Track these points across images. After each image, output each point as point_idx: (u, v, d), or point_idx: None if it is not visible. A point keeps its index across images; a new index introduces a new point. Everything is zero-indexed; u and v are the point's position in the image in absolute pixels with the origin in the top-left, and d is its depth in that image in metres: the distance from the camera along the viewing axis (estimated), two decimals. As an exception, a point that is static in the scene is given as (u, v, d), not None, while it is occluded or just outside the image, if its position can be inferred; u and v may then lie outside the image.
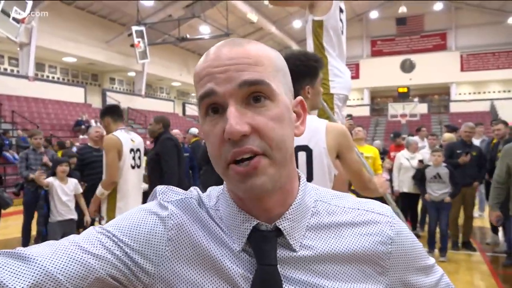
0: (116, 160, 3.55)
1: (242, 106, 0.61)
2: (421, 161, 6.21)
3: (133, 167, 3.70)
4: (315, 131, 1.91)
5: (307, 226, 0.68)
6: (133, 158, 3.69)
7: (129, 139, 3.71)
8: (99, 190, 3.65)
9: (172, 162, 4.49)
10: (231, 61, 0.62)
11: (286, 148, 0.64)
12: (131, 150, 3.67)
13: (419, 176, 5.52)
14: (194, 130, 8.19)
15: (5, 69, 19.81)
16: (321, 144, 1.91)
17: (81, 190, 4.67)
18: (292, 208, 0.67)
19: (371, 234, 0.70)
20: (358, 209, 0.72)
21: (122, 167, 3.60)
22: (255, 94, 0.62)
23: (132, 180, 3.68)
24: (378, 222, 0.71)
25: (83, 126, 16.60)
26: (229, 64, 0.62)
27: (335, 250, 0.67)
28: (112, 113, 3.81)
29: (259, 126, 0.61)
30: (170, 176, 4.48)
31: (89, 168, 5.48)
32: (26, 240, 5.72)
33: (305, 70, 1.97)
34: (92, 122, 16.51)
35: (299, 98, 0.72)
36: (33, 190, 5.51)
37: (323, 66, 2.22)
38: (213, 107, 0.63)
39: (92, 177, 5.47)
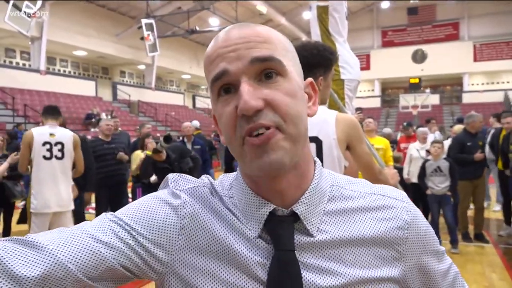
0: (25, 153, 4.07)
1: (254, 82, 0.61)
2: (428, 152, 6.16)
3: (48, 158, 4.08)
4: (325, 122, 1.90)
5: (324, 211, 0.68)
6: (48, 150, 4.09)
7: (47, 134, 4.11)
8: None
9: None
10: (241, 39, 0.62)
11: (301, 123, 0.63)
12: (46, 143, 4.08)
13: (421, 170, 5.48)
14: (196, 123, 8.16)
15: (17, 63, 20.03)
16: (331, 135, 1.89)
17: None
18: (308, 192, 0.66)
19: (387, 219, 0.69)
20: (374, 193, 0.72)
21: (34, 158, 4.05)
22: (266, 70, 0.62)
23: (46, 169, 4.08)
24: (395, 207, 0.71)
25: (93, 120, 16.73)
26: (239, 43, 0.62)
27: (352, 235, 0.67)
28: (43, 113, 4.32)
29: (273, 100, 0.60)
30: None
31: (100, 161, 5.52)
32: None
33: (321, 60, 1.97)
34: (103, 115, 16.63)
35: (309, 79, 0.71)
36: None
37: (336, 60, 2.21)
38: (225, 87, 0.63)
39: (103, 170, 5.52)
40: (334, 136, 1.89)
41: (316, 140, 1.89)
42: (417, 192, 6.50)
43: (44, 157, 4.06)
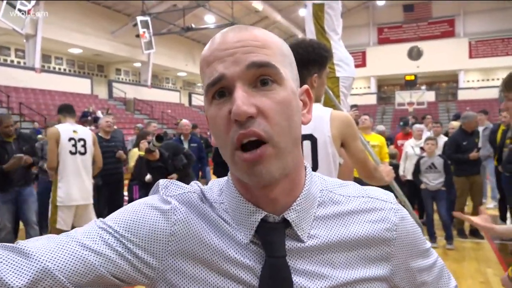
0: (54, 148, 4.26)
1: (249, 88, 0.61)
2: (422, 149, 6.18)
3: (73, 153, 4.33)
4: (320, 120, 1.90)
5: (315, 216, 0.68)
6: (74, 145, 4.34)
7: (71, 130, 4.36)
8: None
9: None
10: (238, 43, 0.62)
11: (291, 133, 0.62)
12: (71, 139, 4.32)
13: (416, 167, 5.51)
14: (185, 121, 8.14)
15: (12, 61, 19.91)
16: (326, 132, 1.90)
17: None
18: (300, 199, 0.67)
19: (376, 221, 0.70)
20: (363, 196, 0.72)
21: (61, 153, 4.27)
22: (262, 77, 0.61)
23: (72, 164, 4.32)
24: (383, 209, 0.72)
25: (89, 117, 16.67)
26: (237, 47, 0.61)
27: (341, 238, 0.67)
28: (61, 111, 4.57)
29: (265, 109, 0.60)
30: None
31: (99, 158, 5.51)
32: (40, 227, 5.77)
33: (316, 57, 1.98)
34: (99, 113, 16.57)
35: (305, 86, 0.71)
36: (48, 180, 5.56)
37: (331, 58, 2.22)
38: (220, 91, 0.62)
39: (103, 168, 5.51)
40: (329, 133, 1.90)
41: (311, 137, 1.90)
42: (412, 189, 6.54)
43: (70, 152, 4.29)
